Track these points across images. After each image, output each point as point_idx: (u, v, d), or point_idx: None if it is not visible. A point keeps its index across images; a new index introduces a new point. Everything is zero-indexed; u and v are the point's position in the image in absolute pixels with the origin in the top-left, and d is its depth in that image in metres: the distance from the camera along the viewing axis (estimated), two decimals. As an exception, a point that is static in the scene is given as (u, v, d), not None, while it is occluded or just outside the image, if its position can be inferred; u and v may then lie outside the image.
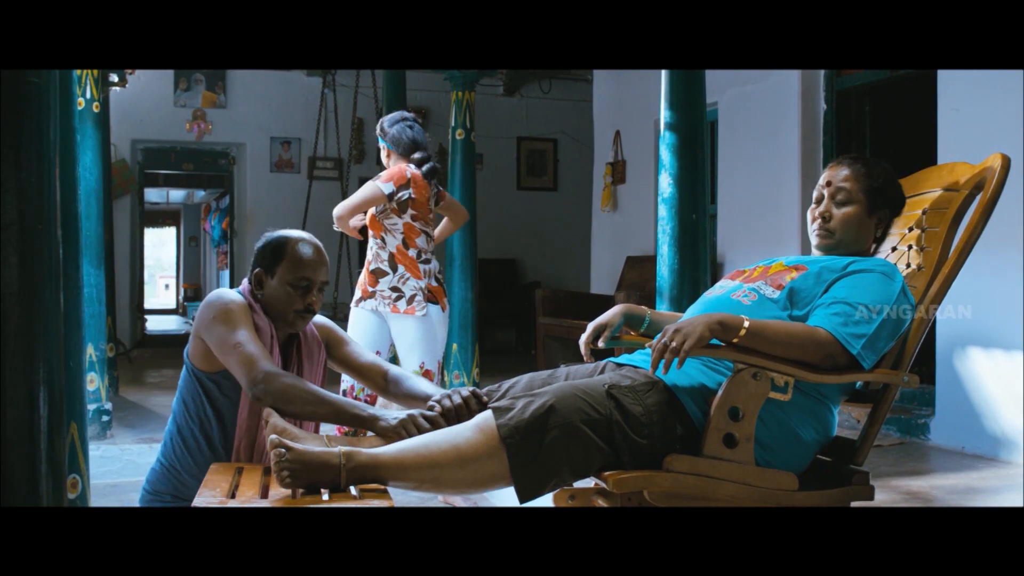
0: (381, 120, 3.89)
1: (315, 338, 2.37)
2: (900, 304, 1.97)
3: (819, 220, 2.15)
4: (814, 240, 2.18)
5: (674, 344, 1.82)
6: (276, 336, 2.24)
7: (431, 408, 2.04)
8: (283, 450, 1.71)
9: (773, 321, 1.92)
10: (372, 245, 3.74)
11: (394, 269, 3.69)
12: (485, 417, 1.86)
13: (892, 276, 2.00)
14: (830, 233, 2.14)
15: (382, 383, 2.39)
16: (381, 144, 3.83)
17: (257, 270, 2.27)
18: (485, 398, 2.07)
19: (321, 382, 2.36)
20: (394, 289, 3.68)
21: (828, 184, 2.16)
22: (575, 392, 1.88)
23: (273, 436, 1.75)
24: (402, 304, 3.70)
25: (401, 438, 1.91)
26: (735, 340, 1.86)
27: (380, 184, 3.65)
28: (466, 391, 2.07)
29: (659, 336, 1.86)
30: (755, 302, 2.05)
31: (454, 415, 2.00)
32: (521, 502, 1.86)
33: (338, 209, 3.72)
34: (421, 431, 1.93)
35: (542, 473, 1.82)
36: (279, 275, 2.23)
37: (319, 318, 2.41)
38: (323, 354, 2.38)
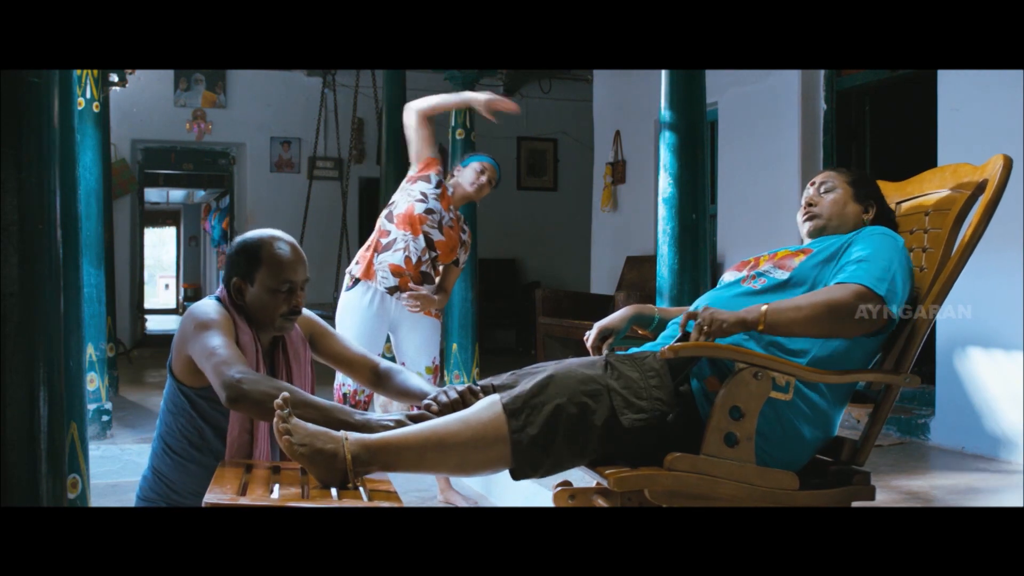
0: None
1: (299, 336, 2.29)
2: (906, 254, 2.05)
3: (806, 208, 2.25)
4: (803, 228, 2.26)
5: (706, 328, 1.88)
6: (260, 344, 2.17)
7: (427, 407, 1.98)
8: (286, 410, 1.72)
9: (788, 300, 1.96)
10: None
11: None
12: (492, 397, 1.89)
13: (894, 236, 2.09)
14: (817, 216, 2.22)
15: (372, 377, 2.32)
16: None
17: (235, 279, 2.18)
18: (481, 393, 2.03)
19: (311, 382, 2.29)
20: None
21: (812, 183, 2.29)
22: (575, 366, 1.92)
23: (284, 394, 1.75)
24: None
25: None
26: (760, 328, 1.90)
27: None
28: (462, 386, 2.01)
29: (693, 312, 1.92)
30: (764, 286, 2.10)
31: (451, 411, 1.95)
32: (515, 478, 1.86)
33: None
34: None
35: (539, 444, 1.83)
36: (259, 281, 2.14)
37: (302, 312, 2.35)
38: (308, 352, 2.30)
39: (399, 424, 1.91)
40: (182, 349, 2.11)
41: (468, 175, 3.73)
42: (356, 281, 3.60)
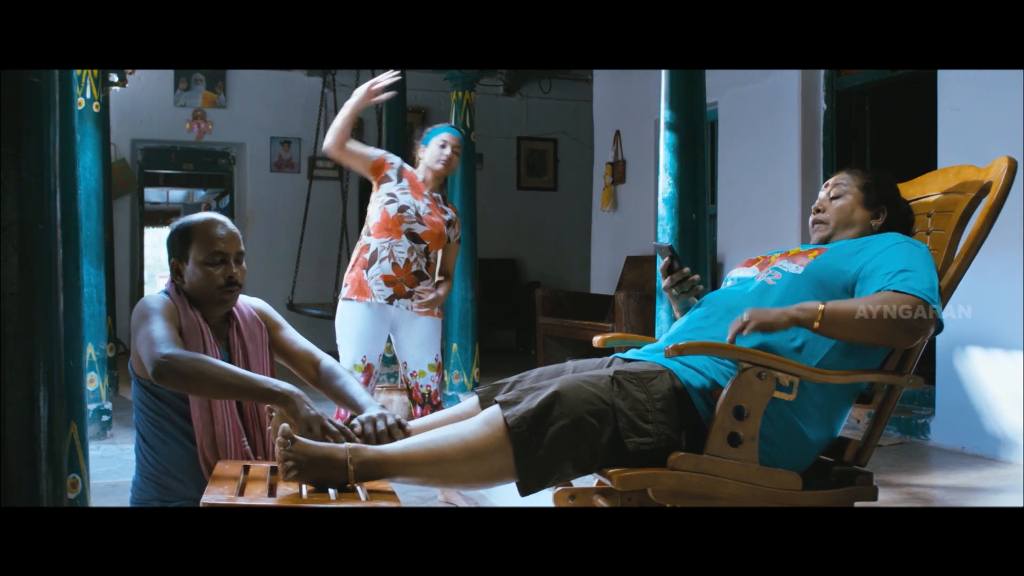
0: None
1: (254, 319, 2.33)
2: (933, 262, 2.02)
3: (815, 215, 2.26)
4: (813, 237, 2.26)
5: (748, 324, 1.91)
6: (209, 327, 2.21)
7: (351, 427, 1.97)
8: (289, 441, 1.71)
9: (845, 301, 1.94)
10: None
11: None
12: (493, 411, 1.87)
13: (919, 244, 2.07)
14: (824, 223, 2.23)
15: (312, 373, 2.33)
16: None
17: (172, 260, 2.24)
18: (409, 430, 2.01)
19: (271, 365, 2.31)
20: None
21: (827, 185, 2.28)
22: (580, 382, 1.89)
23: (284, 425, 1.75)
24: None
25: (301, 433, 1.85)
26: (816, 327, 1.90)
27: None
28: (391, 419, 2.00)
29: (738, 322, 1.93)
30: (780, 280, 2.09)
31: (375, 441, 1.94)
32: (522, 495, 1.86)
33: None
34: (320, 437, 1.87)
35: (545, 465, 1.83)
36: (192, 258, 2.20)
37: (256, 302, 2.39)
38: (265, 335, 2.33)
39: (308, 419, 1.90)
40: (132, 344, 2.16)
41: (432, 152, 3.67)
42: (350, 300, 3.60)
